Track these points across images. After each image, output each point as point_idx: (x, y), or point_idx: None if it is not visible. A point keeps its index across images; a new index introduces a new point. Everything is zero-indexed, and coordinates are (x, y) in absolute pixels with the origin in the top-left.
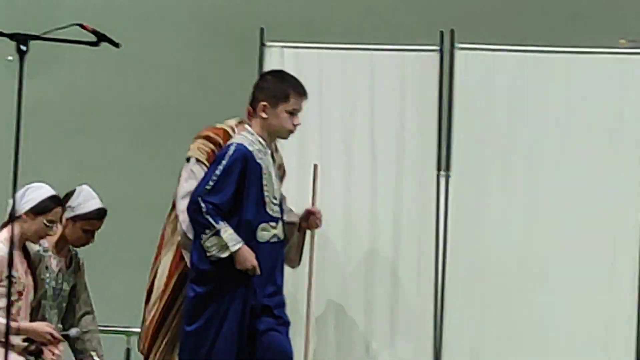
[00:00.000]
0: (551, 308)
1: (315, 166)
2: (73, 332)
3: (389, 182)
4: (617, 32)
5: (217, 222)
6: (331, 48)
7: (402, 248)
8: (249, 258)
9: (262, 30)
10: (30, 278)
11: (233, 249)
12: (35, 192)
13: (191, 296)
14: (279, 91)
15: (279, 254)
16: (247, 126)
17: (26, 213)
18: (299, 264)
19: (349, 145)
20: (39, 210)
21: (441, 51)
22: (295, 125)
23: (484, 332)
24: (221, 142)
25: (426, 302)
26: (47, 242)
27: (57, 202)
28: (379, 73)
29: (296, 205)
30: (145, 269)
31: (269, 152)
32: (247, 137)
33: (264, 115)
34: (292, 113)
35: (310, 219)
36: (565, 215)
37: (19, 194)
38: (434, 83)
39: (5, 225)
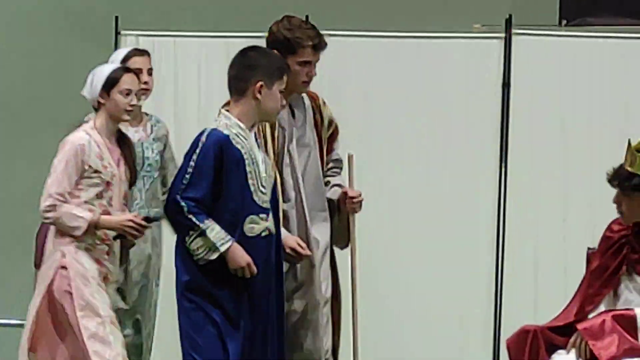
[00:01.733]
0: (407, 304)
1: (350, 156)
2: (153, 212)
3: None
4: (470, 17)
5: (201, 221)
6: (187, 36)
7: None
8: (243, 255)
9: (116, 18)
10: (123, 168)
11: (222, 248)
12: (99, 73)
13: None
14: (274, 68)
15: (274, 250)
16: (223, 110)
17: (100, 95)
18: (346, 245)
19: None
20: (108, 85)
21: None
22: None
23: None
24: None
25: None
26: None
27: (124, 69)
28: None
29: None
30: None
31: (252, 135)
32: (222, 121)
33: (259, 96)
34: (282, 92)
35: (347, 201)
36: (423, 203)
37: (87, 84)
38: None
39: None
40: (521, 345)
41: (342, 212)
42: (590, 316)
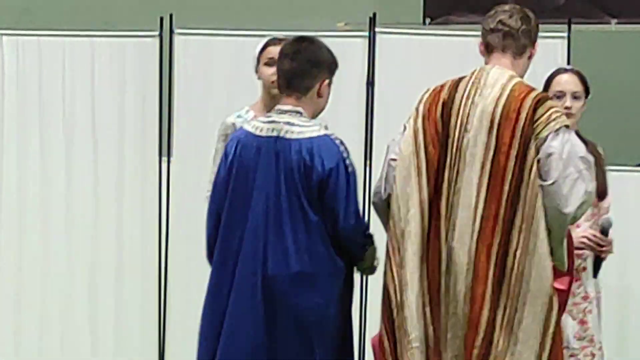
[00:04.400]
0: None
1: None
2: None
3: (111, 168)
4: (335, 16)
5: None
6: (51, 35)
7: (125, 237)
8: None
9: None
10: None
11: None
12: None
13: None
14: (334, 64)
15: None
16: (298, 109)
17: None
18: None
19: (71, 132)
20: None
21: (160, 36)
22: None
23: None
24: None
25: (150, 287)
26: (253, 111)
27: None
28: (99, 59)
29: None
30: None
31: None
32: (313, 122)
33: (322, 95)
34: None
35: None
36: None
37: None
38: (154, 68)
39: None
40: None
41: None
42: None
